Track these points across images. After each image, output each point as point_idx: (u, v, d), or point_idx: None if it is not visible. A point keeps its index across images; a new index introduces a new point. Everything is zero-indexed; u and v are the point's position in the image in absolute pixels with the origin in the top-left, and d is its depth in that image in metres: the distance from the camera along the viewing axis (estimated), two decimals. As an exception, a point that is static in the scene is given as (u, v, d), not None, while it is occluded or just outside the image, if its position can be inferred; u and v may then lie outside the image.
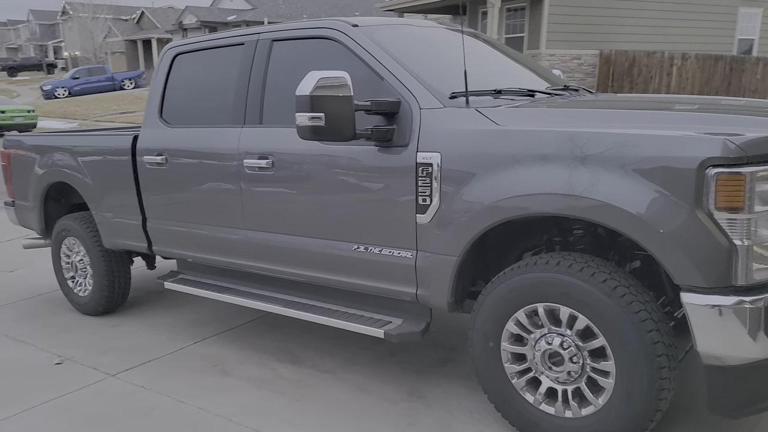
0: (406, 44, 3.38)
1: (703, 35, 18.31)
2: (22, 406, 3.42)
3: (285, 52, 3.60)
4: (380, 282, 3.19)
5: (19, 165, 5.22)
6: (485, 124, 2.81)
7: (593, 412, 2.62)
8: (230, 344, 4.17)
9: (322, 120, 2.81)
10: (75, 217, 4.87)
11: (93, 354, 4.12)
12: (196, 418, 3.21)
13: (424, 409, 3.21)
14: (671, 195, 2.31)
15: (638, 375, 2.46)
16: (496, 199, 2.68)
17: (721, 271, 2.27)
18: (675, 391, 2.57)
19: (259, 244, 3.65)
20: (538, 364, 2.75)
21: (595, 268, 2.54)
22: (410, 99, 3.00)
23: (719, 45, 18.42)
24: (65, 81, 37.34)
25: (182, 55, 4.16)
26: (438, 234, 2.91)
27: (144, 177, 4.19)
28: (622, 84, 16.63)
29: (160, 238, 4.26)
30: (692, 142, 2.30)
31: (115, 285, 4.77)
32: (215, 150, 3.74)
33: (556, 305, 2.63)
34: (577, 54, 16.81)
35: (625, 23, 17.06)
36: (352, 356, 3.87)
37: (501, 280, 2.78)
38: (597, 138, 2.48)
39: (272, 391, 3.47)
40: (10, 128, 20.02)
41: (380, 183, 3.07)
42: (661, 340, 2.44)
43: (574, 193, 2.48)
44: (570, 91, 3.70)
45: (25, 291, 5.55)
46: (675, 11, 17.68)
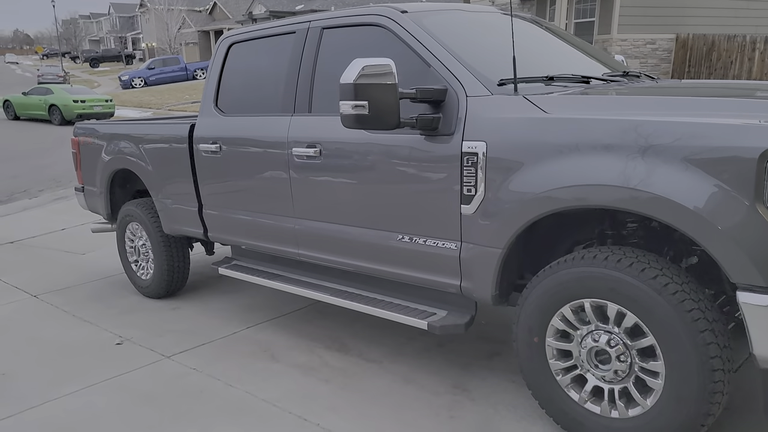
0: (455, 30, 3.31)
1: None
2: (83, 384, 3.58)
3: (335, 40, 3.59)
4: (424, 273, 3.16)
5: (87, 152, 5.45)
6: (533, 111, 2.71)
7: (640, 414, 2.51)
8: (280, 330, 4.23)
9: (365, 108, 2.78)
10: (138, 203, 5.05)
11: (151, 336, 4.27)
12: (243, 402, 3.27)
13: (467, 402, 3.16)
14: (729, 188, 2.17)
15: (689, 377, 2.33)
16: (542, 191, 2.59)
17: (781, 270, 2.12)
18: (729, 394, 2.43)
19: (307, 232, 3.67)
20: (584, 361, 2.66)
21: (646, 264, 2.42)
22: (457, 86, 2.94)
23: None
24: (141, 71, 38.78)
25: (237, 44, 4.22)
26: (483, 225, 2.84)
27: (200, 165, 4.29)
28: (700, 69, 15.83)
29: (215, 225, 4.35)
30: (753, 132, 2.15)
31: (174, 269, 4.92)
32: (265, 138, 3.78)
33: (603, 301, 2.52)
34: (651, 38, 16.12)
35: (703, 5, 16.21)
36: (399, 346, 3.86)
37: (547, 274, 2.69)
38: (648, 126, 2.35)
39: (318, 378, 3.50)
40: (90, 117, 21.00)
41: (425, 172, 3.03)
42: (715, 341, 2.30)
43: (621, 185, 2.36)
44: (630, 77, 3.54)
45: (93, 273, 5.81)
46: (758, -9, 16.73)
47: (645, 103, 2.65)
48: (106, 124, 5.55)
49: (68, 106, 21.62)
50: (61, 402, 3.38)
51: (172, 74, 38.41)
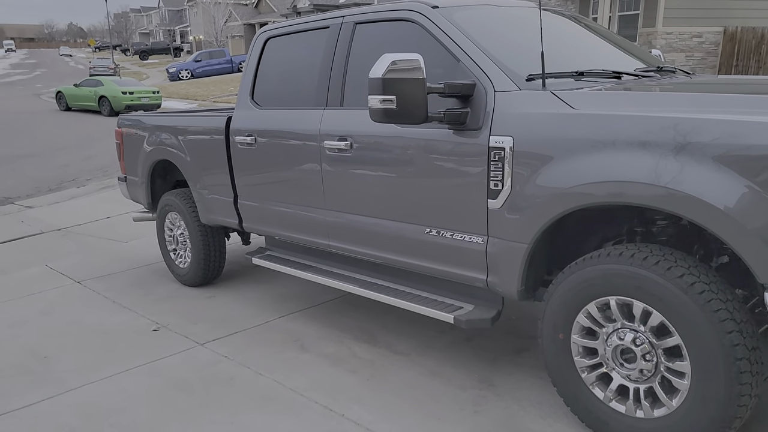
0: (486, 25, 3.29)
1: None
2: (119, 369, 3.70)
3: (367, 35, 3.61)
4: (451, 267, 3.16)
5: (130, 143, 5.61)
6: (560, 107, 2.69)
7: (666, 414, 2.47)
8: (312, 320, 4.29)
9: (393, 103, 2.80)
10: (177, 193, 5.18)
11: (186, 323, 4.38)
12: (271, 391, 3.34)
13: (492, 397, 3.16)
14: (758, 187, 2.12)
15: (715, 378, 2.29)
16: (567, 186, 2.57)
17: (811, 272, 2.06)
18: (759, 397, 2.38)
19: (338, 224, 3.71)
20: (610, 359, 2.63)
21: (672, 262, 2.38)
22: (485, 81, 2.93)
23: None
24: (188, 64, 39.52)
25: (273, 38, 4.28)
26: (509, 220, 2.84)
27: (236, 156, 4.37)
28: (749, 63, 15.31)
29: (250, 215, 4.44)
30: (785, 129, 2.09)
31: (210, 258, 5.03)
32: (298, 131, 3.83)
33: (629, 299, 2.49)
34: (697, 31, 15.64)
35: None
36: (428, 339, 3.87)
37: (573, 270, 2.67)
38: (675, 123, 2.31)
39: (345, 369, 3.55)
40: (138, 108, 21.57)
41: (452, 166, 3.03)
42: (742, 342, 2.25)
43: (649, 182, 2.33)
44: (664, 72, 3.47)
45: (135, 261, 5.99)
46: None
47: (674, 99, 2.60)
48: (148, 115, 5.69)
49: (117, 97, 22.22)
50: (98, 385, 3.51)
51: (218, 66, 39.04)
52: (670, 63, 14.39)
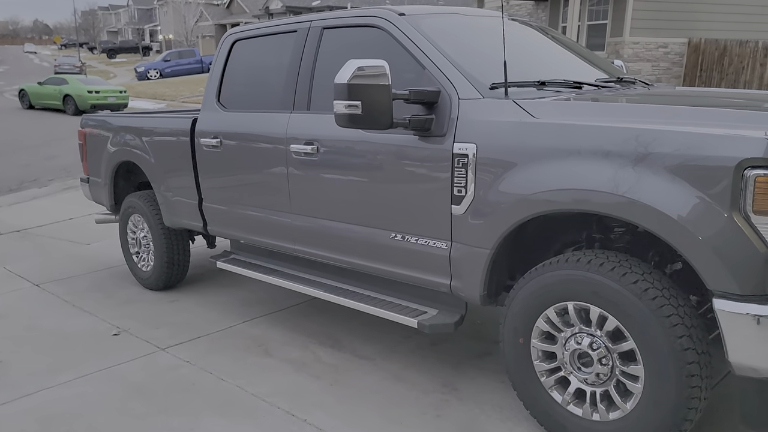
0: (452, 34, 3.33)
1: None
2: (77, 374, 3.64)
3: (334, 40, 3.63)
4: (415, 271, 3.19)
5: (93, 143, 5.52)
6: (521, 116, 2.74)
7: (620, 417, 2.53)
8: (277, 325, 4.28)
9: (358, 108, 2.82)
10: (140, 195, 5.11)
11: (148, 327, 4.33)
12: (232, 396, 3.32)
13: (455, 402, 3.19)
14: (706, 196, 2.20)
15: (666, 382, 2.35)
16: (527, 193, 2.62)
17: (756, 278, 2.14)
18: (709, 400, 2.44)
19: (303, 228, 3.71)
20: (568, 363, 2.68)
21: (627, 269, 2.44)
22: (450, 89, 2.97)
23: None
24: (157, 63, 39.03)
25: (240, 41, 4.26)
26: (472, 225, 2.87)
27: (201, 159, 4.34)
28: (711, 74, 15.72)
29: (215, 218, 4.40)
30: (730, 141, 2.16)
31: (174, 262, 4.98)
32: (265, 134, 3.82)
33: (586, 304, 2.55)
34: (663, 42, 16.01)
35: (716, 10, 16.09)
36: (393, 344, 3.89)
37: (532, 276, 2.72)
38: (623, 134, 2.38)
39: (309, 374, 3.54)
40: (104, 107, 21.21)
41: (417, 172, 3.06)
42: (692, 347, 2.32)
43: (604, 190, 2.39)
44: (624, 83, 3.55)
45: (97, 263, 5.89)
46: (774, -3, 16.57)
47: (630, 110, 2.67)
48: (111, 116, 5.61)
49: (82, 96, 21.81)
50: (55, 391, 3.45)
51: (187, 66, 38.62)
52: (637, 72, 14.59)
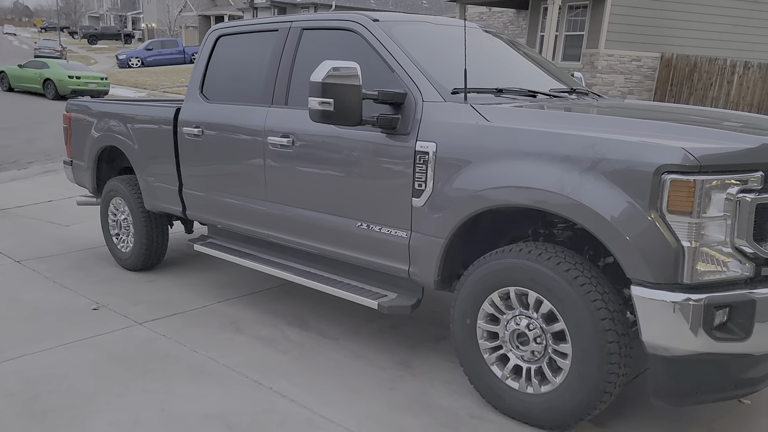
0: (421, 40, 3.63)
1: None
2: (58, 342, 3.87)
3: (313, 41, 3.91)
4: (378, 258, 3.48)
5: (78, 128, 5.73)
6: (476, 119, 3.05)
7: (551, 390, 2.86)
8: (249, 306, 4.55)
9: (331, 105, 3.10)
10: (122, 179, 5.34)
11: (126, 304, 4.57)
12: (205, 366, 3.59)
13: (408, 377, 3.50)
14: (629, 195, 2.52)
15: (590, 358, 2.68)
16: (477, 189, 2.94)
17: (668, 269, 2.47)
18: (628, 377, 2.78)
19: (278, 215, 3.99)
20: (508, 342, 3.00)
21: (562, 259, 2.76)
22: (415, 91, 3.27)
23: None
24: (139, 51, 38.82)
25: (224, 36, 4.52)
26: (429, 217, 3.18)
27: (182, 147, 4.59)
28: (681, 89, 16.28)
29: (194, 204, 4.66)
30: (652, 149, 2.49)
31: (153, 244, 5.22)
32: (244, 126, 4.09)
33: (525, 289, 2.87)
34: (637, 55, 16.54)
35: (689, 27, 16.66)
36: (357, 326, 4.18)
37: (480, 264, 3.03)
38: (564, 139, 2.70)
39: (277, 349, 3.82)
40: (84, 93, 21.14)
41: (383, 167, 3.35)
42: (613, 328, 2.64)
43: (541, 188, 2.71)
44: (577, 94, 3.88)
45: (77, 244, 6.09)
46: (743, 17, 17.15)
47: (572, 118, 3.00)
48: (97, 102, 5.82)
49: (63, 81, 21.76)
50: (37, 356, 3.68)
51: (169, 56, 38.47)
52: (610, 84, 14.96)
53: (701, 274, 2.48)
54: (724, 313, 2.52)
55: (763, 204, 2.50)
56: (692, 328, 2.46)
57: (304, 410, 3.12)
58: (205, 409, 3.12)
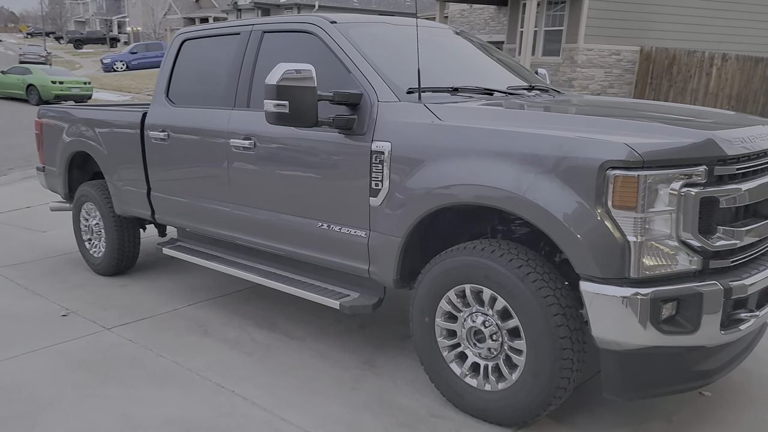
0: (378, 41, 3.64)
1: (749, 35, 17.78)
2: (24, 349, 3.86)
3: (274, 43, 3.91)
4: (339, 258, 3.49)
5: (49, 134, 5.71)
6: (429, 118, 3.06)
7: (507, 387, 2.87)
8: (219, 309, 4.54)
9: (286, 107, 3.11)
10: (93, 185, 5.32)
11: (96, 309, 4.55)
12: (169, 370, 3.58)
13: (372, 377, 3.50)
14: (575, 192, 2.53)
15: (543, 354, 2.69)
16: (430, 188, 2.95)
17: (615, 264, 2.49)
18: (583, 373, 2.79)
19: (242, 217, 3.99)
20: (465, 339, 3.01)
21: (514, 255, 2.78)
22: (370, 92, 3.28)
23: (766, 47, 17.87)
24: (124, 55, 38.67)
25: (189, 41, 4.52)
26: (387, 216, 3.18)
27: (149, 150, 4.58)
28: (662, 82, 16.37)
29: (162, 207, 4.65)
30: (596, 145, 2.51)
31: (124, 248, 5.20)
32: (208, 129, 4.08)
33: (479, 287, 2.88)
34: (616, 49, 16.61)
35: (667, 20, 16.74)
36: (324, 326, 4.19)
37: (437, 261, 3.05)
38: (511, 136, 2.72)
39: (242, 352, 3.83)
40: (67, 98, 21.09)
41: (341, 167, 3.36)
42: (565, 324, 2.66)
43: (488, 185, 2.73)
44: (537, 90, 3.90)
45: (51, 250, 6.07)
46: (721, 9, 17.23)
47: (522, 116, 3.02)
48: (66, 107, 5.79)
49: (46, 86, 21.65)
50: (1, 364, 3.67)
51: (154, 59, 38.28)
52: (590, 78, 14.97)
53: (648, 269, 2.50)
54: (672, 306, 2.53)
55: (707, 198, 2.53)
56: (640, 322, 2.48)
57: (264, 413, 3.12)
58: (165, 414, 3.12)
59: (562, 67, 16.56)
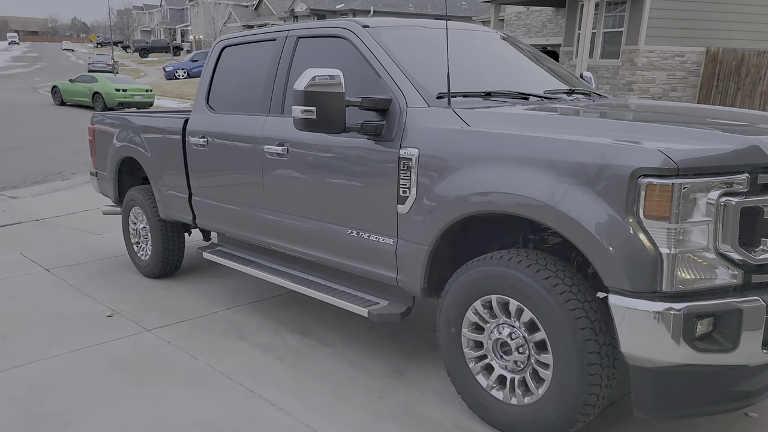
0: (410, 45, 3.59)
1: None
2: (68, 348, 3.99)
3: (308, 48, 3.92)
4: (368, 265, 3.46)
5: (101, 140, 5.90)
6: (457, 124, 2.99)
7: (533, 401, 2.77)
8: (255, 313, 4.58)
9: (313, 113, 3.10)
10: (140, 189, 5.47)
11: (139, 311, 4.67)
12: (201, 373, 3.63)
13: (399, 386, 3.45)
14: (605, 201, 2.42)
15: (570, 369, 2.59)
16: (456, 196, 2.88)
17: (646, 277, 2.36)
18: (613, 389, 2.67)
19: (276, 223, 4.01)
20: (492, 351, 2.93)
21: (542, 266, 2.68)
22: (400, 97, 3.24)
23: None
24: (185, 63, 39.84)
25: (229, 47, 4.59)
26: (414, 224, 3.13)
27: (191, 156, 4.67)
28: (728, 84, 15.66)
29: (202, 212, 4.73)
30: (627, 152, 2.39)
31: (169, 252, 5.32)
32: (244, 135, 4.13)
33: (506, 297, 2.79)
34: (680, 51, 15.99)
35: (735, 19, 16.02)
36: (356, 333, 4.16)
37: (463, 271, 2.97)
38: (540, 143, 2.62)
39: (274, 357, 3.84)
40: (130, 105, 21.86)
41: (369, 174, 3.33)
42: (594, 338, 2.54)
43: (515, 193, 2.64)
44: (577, 95, 3.77)
45: (104, 252, 6.27)
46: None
47: (553, 121, 2.91)
48: (116, 114, 5.98)
49: (110, 94, 22.54)
50: (45, 362, 3.79)
51: (215, 67, 39.21)
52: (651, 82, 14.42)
53: (682, 282, 2.37)
54: (709, 323, 2.39)
55: (749, 207, 2.38)
56: (673, 338, 2.35)
57: (289, 418, 3.12)
58: (193, 416, 3.16)
59: (622, 70, 16.07)
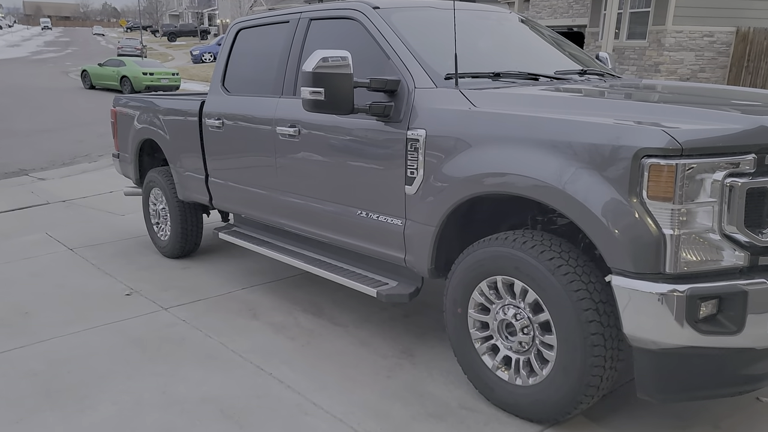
0: (420, 26, 3.57)
1: None
2: (87, 326, 4.09)
3: (319, 30, 3.92)
4: (377, 246, 3.48)
5: (123, 122, 6.00)
6: (464, 104, 2.98)
7: (538, 382, 2.78)
8: (270, 293, 4.64)
9: (322, 95, 3.11)
10: (159, 171, 5.55)
11: (157, 290, 4.76)
12: (214, 351, 3.70)
13: (408, 366, 3.48)
14: (608, 181, 2.40)
15: (573, 350, 2.58)
16: (462, 176, 2.87)
17: (649, 258, 2.34)
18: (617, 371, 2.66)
19: (288, 204, 4.05)
20: (497, 332, 2.94)
21: (547, 247, 2.67)
22: (408, 78, 3.23)
23: None
24: (211, 47, 40.04)
25: (243, 30, 4.61)
26: (421, 204, 3.14)
27: (207, 138, 4.72)
28: (759, 65, 15.24)
29: (219, 193, 4.79)
30: (631, 132, 2.37)
31: (188, 232, 5.41)
32: (257, 116, 4.16)
33: (510, 278, 2.79)
34: (708, 31, 15.60)
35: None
36: (368, 314, 4.20)
37: (469, 252, 2.97)
38: (543, 123, 2.60)
39: (286, 336, 3.89)
40: (157, 89, 22.11)
41: (378, 155, 3.34)
42: (597, 319, 2.53)
43: (518, 173, 2.62)
44: (589, 74, 3.72)
45: (126, 233, 6.39)
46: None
47: (559, 101, 2.88)
48: (136, 97, 6.05)
49: (138, 77, 22.82)
50: (65, 339, 3.90)
51: (240, 50, 39.35)
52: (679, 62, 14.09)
53: (686, 264, 2.34)
54: (713, 305, 2.36)
55: (756, 189, 2.34)
56: (676, 320, 2.33)
57: (297, 396, 3.17)
58: (203, 392, 3.23)
59: (648, 51, 15.75)
